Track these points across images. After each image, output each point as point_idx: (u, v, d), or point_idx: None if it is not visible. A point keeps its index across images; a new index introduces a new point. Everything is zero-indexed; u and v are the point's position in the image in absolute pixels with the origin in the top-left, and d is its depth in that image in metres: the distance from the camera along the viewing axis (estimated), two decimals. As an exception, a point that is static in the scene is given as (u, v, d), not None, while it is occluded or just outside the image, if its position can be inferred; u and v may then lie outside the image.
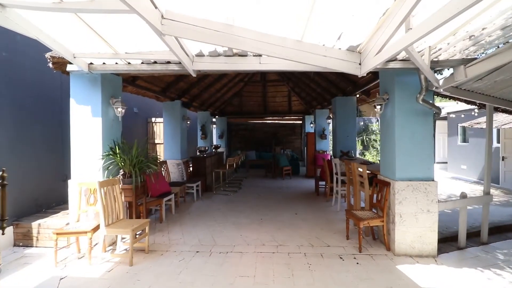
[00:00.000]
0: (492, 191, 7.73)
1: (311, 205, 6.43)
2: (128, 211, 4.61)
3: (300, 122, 15.35)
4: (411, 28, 2.40)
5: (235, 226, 5.03)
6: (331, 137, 16.16)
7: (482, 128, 8.80)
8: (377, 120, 15.71)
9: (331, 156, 7.73)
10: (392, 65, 3.51)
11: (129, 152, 4.40)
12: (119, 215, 4.03)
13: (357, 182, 4.89)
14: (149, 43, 3.27)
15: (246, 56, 3.38)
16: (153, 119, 9.48)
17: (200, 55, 3.42)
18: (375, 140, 15.22)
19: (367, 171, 4.66)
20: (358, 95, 7.39)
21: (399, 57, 3.45)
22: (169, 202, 5.89)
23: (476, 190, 8.57)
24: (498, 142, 9.52)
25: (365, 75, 3.34)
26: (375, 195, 4.37)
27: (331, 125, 8.42)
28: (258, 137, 15.68)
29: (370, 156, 14.94)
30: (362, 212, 4.22)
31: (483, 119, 9.09)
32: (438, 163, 14.18)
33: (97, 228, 3.81)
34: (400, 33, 2.60)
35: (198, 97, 9.49)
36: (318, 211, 5.98)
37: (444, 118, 13.51)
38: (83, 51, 3.53)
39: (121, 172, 4.38)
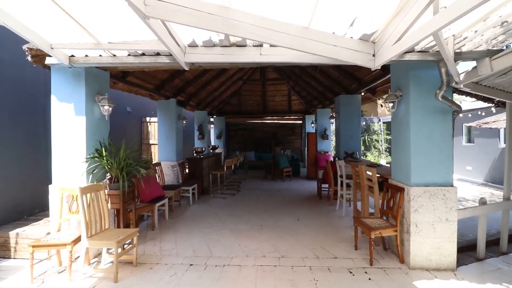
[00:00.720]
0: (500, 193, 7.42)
1: (313, 210, 6.05)
2: (116, 219, 4.21)
3: (300, 122, 14.97)
4: (445, 7, 2.01)
5: (233, 234, 4.64)
6: (333, 137, 15.81)
7: (490, 128, 8.45)
8: (379, 120, 15.36)
9: (334, 157, 7.35)
10: (408, 57, 3.13)
11: (117, 154, 4.00)
12: (104, 224, 3.64)
13: (365, 187, 4.51)
14: (134, 32, 2.88)
15: (245, 46, 2.99)
16: (147, 119, 9.08)
17: (193, 45, 3.04)
18: (377, 141, 14.87)
19: (376, 175, 4.28)
20: (362, 94, 7.02)
21: (417, 48, 3.07)
22: (163, 207, 5.50)
23: (485, 193, 8.22)
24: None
25: (379, 68, 2.96)
26: (384, 201, 4.00)
27: (333, 125, 8.03)
28: (257, 137, 15.30)
29: (372, 157, 14.58)
30: (372, 220, 3.84)
31: (491, 118, 8.74)
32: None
33: (78, 239, 3.41)
34: (424, 18, 2.22)
35: (195, 95, 9.09)
36: (322, 216, 5.60)
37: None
38: (61, 41, 3.13)
39: (108, 176, 3.98)
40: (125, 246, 4.13)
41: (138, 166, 4.05)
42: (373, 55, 2.91)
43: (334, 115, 7.21)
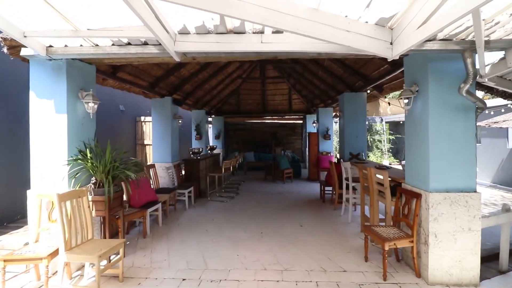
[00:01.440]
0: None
1: (317, 215, 5.68)
2: (103, 228, 3.83)
3: (301, 121, 14.61)
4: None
5: (231, 243, 4.26)
6: (336, 137, 15.45)
7: (501, 127, 8.09)
8: (381, 120, 15.01)
9: (338, 158, 6.98)
10: (429, 46, 2.76)
11: (104, 156, 3.62)
12: (87, 234, 3.26)
13: (375, 191, 4.15)
14: (117, 17, 2.50)
15: (243, 33, 2.62)
16: (142, 118, 8.70)
17: (184, 32, 2.66)
18: (380, 141, 14.51)
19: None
20: (368, 91, 6.65)
21: (440, 35, 2.70)
22: (156, 212, 5.12)
23: (495, 196, 7.87)
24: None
25: (396, 57, 2.59)
26: (397, 208, 3.63)
27: (337, 124, 7.66)
28: (257, 137, 14.92)
29: (374, 157, 14.22)
30: (384, 229, 3.47)
31: (500, 117, 8.39)
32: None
33: (56, 253, 3.03)
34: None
35: (192, 94, 8.72)
36: (326, 222, 5.23)
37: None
38: (35, 28, 2.76)
39: (93, 180, 3.60)
40: (113, 256, 3.76)
41: (125, 169, 3.67)
42: (391, 43, 2.54)
43: (339, 114, 6.84)
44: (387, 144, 14.45)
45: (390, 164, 12.53)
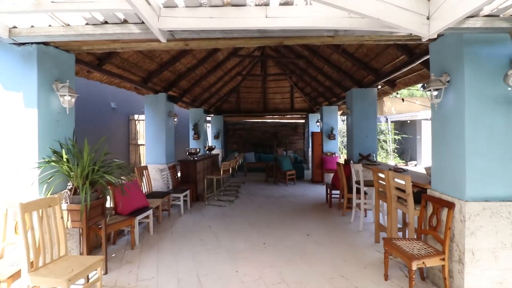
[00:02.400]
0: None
1: (324, 222, 5.17)
2: (82, 240, 3.33)
3: (303, 121, 14.10)
4: None
5: (229, 256, 3.76)
6: (340, 137, 14.89)
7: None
8: (386, 119, 14.50)
9: (346, 160, 6.47)
10: (471, 23, 2.25)
11: (87, 157, 3.12)
12: (59, 250, 2.76)
13: (393, 197, 3.64)
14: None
15: (244, 6, 2.11)
16: (135, 116, 8.19)
17: (170, 5, 2.16)
18: (385, 141, 14.00)
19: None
20: (379, 87, 6.15)
21: (485, 9, 2.20)
22: (146, 219, 4.62)
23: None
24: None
25: (434, 36, 2.09)
26: (422, 218, 3.13)
27: (344, 123, 7.16)
28: (257, 137, 14.41)
29: (379, 158, 13.71)
30: (408, 243, 2.96)
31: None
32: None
33: (18, 274, 2.53)
34: None
35: (189, 91, 8.22)
36: (335, 230, 4.73)
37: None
38: (-10, 3, 2.25)
39: (69, 186, 3.11)
40: (89, 279, 3.26)
41: (107, 173, 3.16)
42: (427, 18, 2.04)
43: (346, 112, 6.34)
44: (393, 144, 13.94)
45: (396, 165, 12.02)
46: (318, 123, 10.09)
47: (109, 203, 4.25)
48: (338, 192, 6.46)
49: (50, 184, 3.03)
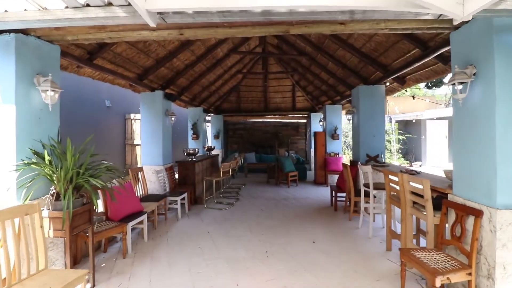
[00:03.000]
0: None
1: (330, 227, 4.87)
2: (65, 250, 3.03)
3: (305, 120, 13.79)
4: None
5: (229, 266, 3.45)
6: (343, 137, 14.56)
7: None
8: (390, 119, 14.18)
9: (352, 161, 6.17)
10: (508, 3, 1.94)
11: (71, 158, 2.82)
12: (38, 263, 2.45)
13: (408, 203, 3.34)
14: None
15: (245, -18, 1.81)
16: (131, 116, 7.89)
17: (160, -18, 1.85)
18: (388, 141, 13.69)
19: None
20: (387, 84, 5.85)
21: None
22: (140, 224, 4.31)
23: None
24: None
25: (469, 18, 1.79)
26: (443, 226, 2.82)
27: (349, 122, 6.85)
28: (258, 137, 14.10)
29: (383, 159, 13.41)
30: (428, 255, 2.65)
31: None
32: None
33: (-12, 292, 2.22)
34: None
35: (188, 89, 7.92)
36: (343, 237, 4.42)
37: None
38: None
39: (52, 190, 2.80)
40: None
41: (93, 176, 2.86)
42: (462, -4, 1.73)
43: (353, 110, 6.03)
44: (396, 144, 13.63)
45: (407, 166, 11.70)
46: (321, 123, 9.79)
47: (100, 208, 3.95)
48: (343, 194, 6.17)
49: (29, 189, 2.73)
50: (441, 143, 13.24)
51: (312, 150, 12.03)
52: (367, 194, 4.93)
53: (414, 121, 13.63)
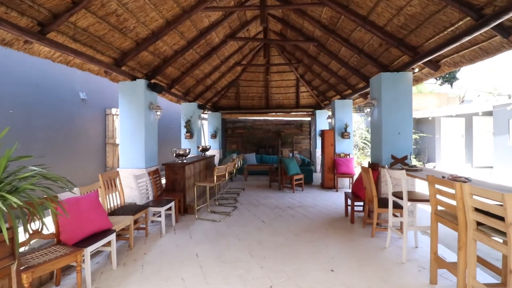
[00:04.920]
0: None
1: (349, 246, 3.89)
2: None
3: (309, 118, 12.83)
4: None
5: (220, 312, 2.48)
6: (357, 135, 13.53)
7: None
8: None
9: (370, 163, 5.19)
10: None
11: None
12: None
13: (470, 224, 2.36)
14: None
15: None
16: (113, 111, 6.91)
17: None
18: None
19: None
20: (416, 70, 4.87)
21: None
22: (107, 247, 3.35)
23: None
24: None
25: None
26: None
27: (362, 118, 5.86)
28: (259, 136, 13.13)
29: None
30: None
31: None
32: (479, 167, 11.68)
33: None
34: None
35: (179, 81, 6.95)
36: (367, 260, 3.44)
37: (489, 113, 11.02)
38: None
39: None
40: None
41: (14, 191, 1.89)
42: None
43: (373, 103, 5.04)
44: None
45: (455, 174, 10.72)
46: (329, 120, 8.81)
47: (51, 228, 2.99)
48: (360, 203, 5.22)
49: None
50: (457, 142, 12.26)
51: (318, 150, 11.09)
52: (396, 206, 3.96)
53: (430, 118, 12.63)
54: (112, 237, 3.32)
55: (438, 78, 13.48)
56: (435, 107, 14.12)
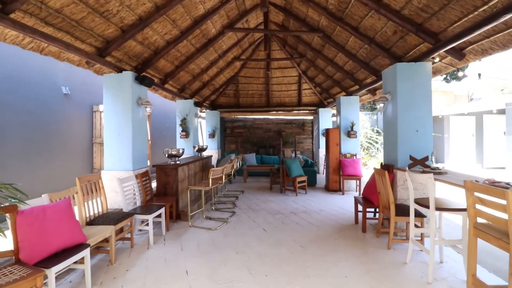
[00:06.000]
0: None
1: (364, 261, 3.37)
2: None
3: (311, 117, 12.31)
4: None
5: None
6: (362, 133, 12.95)
7: None
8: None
9: (382, 164, 4.69)
10: None
11: None
12: None
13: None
14: None
15: None
16: (101, 107, 6.38)
17: None
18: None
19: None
20: (436, 60, 4.34)
21: None
22: (80, 264, 2.84)
23: None
24: None
25: None
26: None
27: (371, 115, 5.34)
28: (259, 136, 12.61)
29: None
30: None
31: None
32: (490, 168, 11.15)
33: None
34: None
35: (173, 76, 6.43)
36: (388, 282, 2.92)
37: (502, 112, 10.49)
38: None
39: None
40: None
41: None
42: None
43: (387, 97, 4.52)
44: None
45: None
46: (334, 118, 8.29)
47: (10, 244, 2.49)
48: (371, 209, 4.72)
49: None
50: (467, 142, 11.73)
51: (321, 150, 10.58)
52: (418, 214, 3.45)
53: (440, 116, 12.08)
54: (86, 253, 2.81)
55: (454, 73, 12.85)
56: (441, 105, 13.58)
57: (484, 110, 10.98)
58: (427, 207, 3.05)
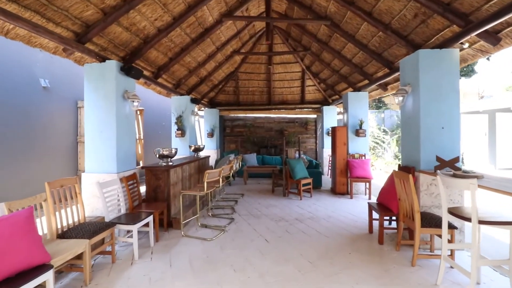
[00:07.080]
0: None
1: (387, 283, 2.82)
2: None
3: (315, 116, 11.77)
4: None
5: None
6: (371, 131, 12.30)
7: None
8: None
9: (401, 166, 4.14)
10: None
11: None
12: None
13: None
14: None
15: None
16: (86, 103, 5.84)
17: None
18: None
19: None
20: (465, 46, 3.78)
21: None
22: (43, 290, 2.30)
23: None
24: None
25: None
26: None
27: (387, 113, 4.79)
28: (260, 135, 12.08)
29: (395, 161, 11.32)
30: None
31: None
32: (504, 169, 10.58)
33: None
34: None
35: (167, 69, 5.90)
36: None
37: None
38: None
39: None
40: None
41: None
42: None
43: (406, 89, 3.97)
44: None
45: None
46: (341, 115, 7.74)
47: None
48: (390, 216, 4.18)
49: None
50: (479, 141, 11.16)
51: (325, 150, 10.05)
52: (451, 226, 2.90)
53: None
54: (47, 276, 2.27)
55: (464, 69, 12.31)
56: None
57: (497, 108, 10.42)
58: (465, 218, 2.51)
